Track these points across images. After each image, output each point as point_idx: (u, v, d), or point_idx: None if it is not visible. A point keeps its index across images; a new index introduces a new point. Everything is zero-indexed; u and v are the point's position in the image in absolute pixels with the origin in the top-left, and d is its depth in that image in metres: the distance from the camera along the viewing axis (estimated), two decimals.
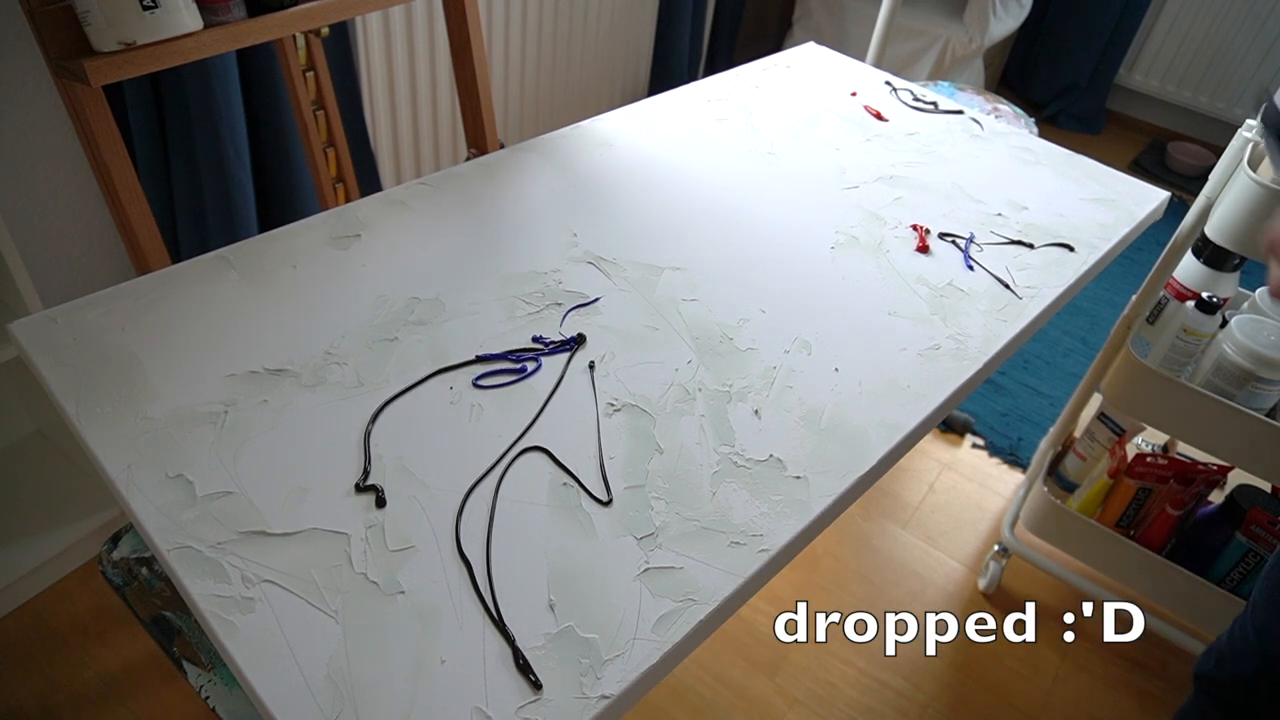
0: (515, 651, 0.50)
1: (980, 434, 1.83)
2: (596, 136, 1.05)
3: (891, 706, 1.30)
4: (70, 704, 1.18)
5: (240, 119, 1.32)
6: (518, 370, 0.70)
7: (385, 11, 1.60)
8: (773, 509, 0.61)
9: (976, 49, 2.46)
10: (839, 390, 0.72)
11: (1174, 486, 1.32)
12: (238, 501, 0.57)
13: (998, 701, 1.32)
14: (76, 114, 0.85)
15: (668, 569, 0.56)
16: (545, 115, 2.18)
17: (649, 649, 0.51)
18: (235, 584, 0.52)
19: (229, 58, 1.27)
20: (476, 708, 0.47)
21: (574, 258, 0.84)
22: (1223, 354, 1.18)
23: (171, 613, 0.70)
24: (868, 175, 1.04)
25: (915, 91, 1.26)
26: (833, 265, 0.87)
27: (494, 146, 1.24)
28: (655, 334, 0.75)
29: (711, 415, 0.68)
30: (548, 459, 0.63)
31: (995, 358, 0.79)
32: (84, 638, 1.26)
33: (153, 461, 0.59)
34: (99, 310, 0.71)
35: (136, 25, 0.81)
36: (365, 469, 0.60)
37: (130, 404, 0.63)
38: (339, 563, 0.54)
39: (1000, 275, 0.89)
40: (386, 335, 0.72)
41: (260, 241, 0.81)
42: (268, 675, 0.48)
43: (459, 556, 0.55)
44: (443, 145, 1.89)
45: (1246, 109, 2.69)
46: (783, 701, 1.30)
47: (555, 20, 2.03)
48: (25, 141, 1.20)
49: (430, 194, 0.90)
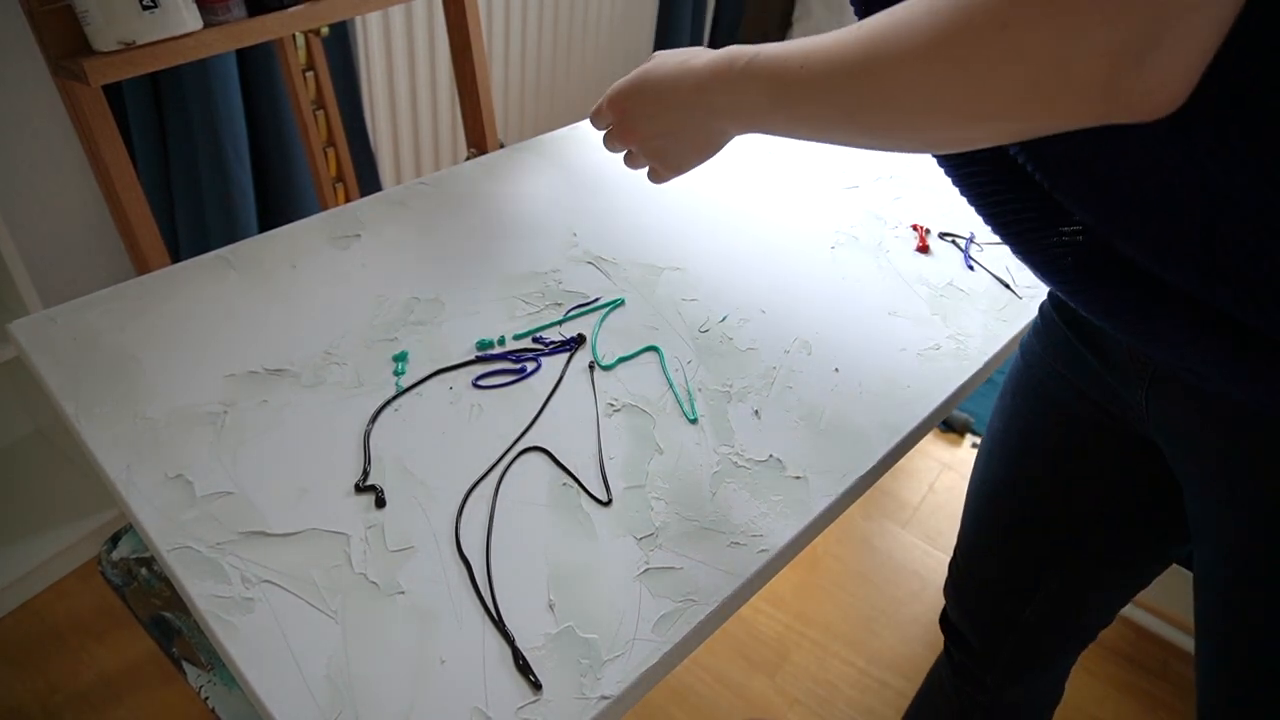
0: (515, 652, 0.50)
1: (980, 434, 1.83)
2: (597, 136, 1.04)
3: (892, 706, 1.30)
4: (70, 704, 1.18)
5: (240, 119, 1.32)
6: (517, 370, 0.70)
7: (385, 11, 1.60)
8: (773, 509, 0.61)
9: None
10: (839, 390, 0.72)
11: None
12: (237, 502, 0.57)
13: None
14: (76, 114, 0.85)
15: (668, 569, 0.56)
16: (545, 115, 2.18)
17: (649, 649, 0.51)
18: (235, 584, 0.52)
19: (229, 57, 1.27)
20: (476, 708, 0.47)
21: (574, 258, 0.84)
22: None
23: (171, 613, 0.70)
24: (868, 175, 1.04)
25: None
26: (833, 265, 0.87)
27: (494, 146, 1.24)
28: (655, 334, 0.75)
29: (711, 415, 0.68)
30: (548, 459, 0.63)
31: (995, 358, 0.79)
32: (84, 638, 1.26)
33: (152, 461, 0.59)
34: (98, 310, 0.71)
35: (136, 25, 0.81)
36: (365, 469, 0.60)
37: (129, 404, 0.63)
38: (339, 563, 0.54)
39: (1001, 275, 0.89)
40: (386, 335, 0.72)
41: (260, 241, 0.81)
42: (267, 676, 0.48)
43: (459, 557, 0.55)
44: (443, 145, 1.89)
45: None
46: (783, 701, 1.30)
47: (555, 20, 2.03)
48: (25, 141, 1.20)
49: (430, 194, 0.90)
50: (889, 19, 0.39)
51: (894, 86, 0.39)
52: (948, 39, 0.36)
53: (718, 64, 0.52)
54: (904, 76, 0.39)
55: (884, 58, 0.39)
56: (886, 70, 0.39)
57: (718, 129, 0.58)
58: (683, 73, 0.56)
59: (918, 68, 0.38)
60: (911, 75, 0.38)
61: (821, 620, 1.42)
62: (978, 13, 0.34)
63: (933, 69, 0.37)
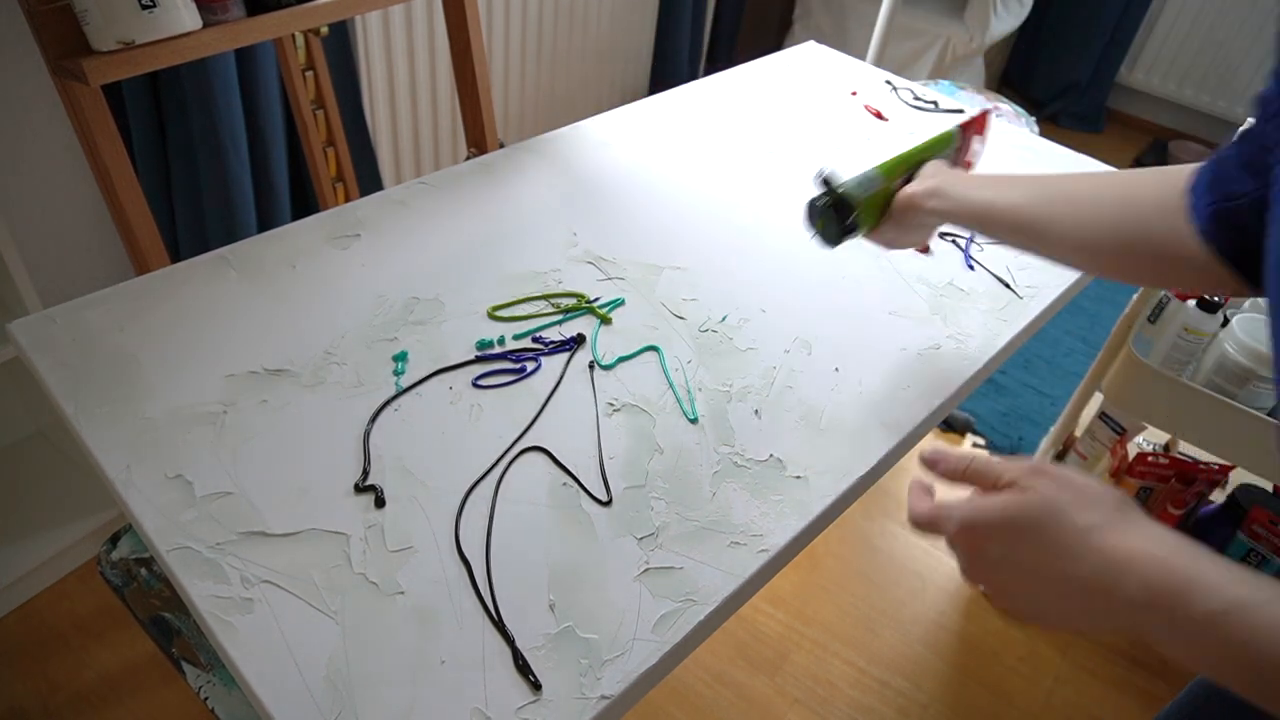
0: (515, 652, 0.50)
1: (981, 433, 1.83)
2: (596, 136, 1.04)
3: (891, 706, 1.30)
4: (70, 704, 1.18)
5: (239, 118, 1.32)
6: (517, 370, 0.70)
7: (385, 11, 1.60)
8: (773, 509, 0.61)
9: (977, 48, 2.46)
10: (839, 390, 0.72)
11: (1175, 486, 1.32)
12: (237, 502, 0.57)
13: (998, 701, 1.32)
14: (76, 114, 0.85)
15: (668, 569, 0.56)
16: (545, 115, 2.17)
17: (649, 649, 0.51)
18: (234, 585, 0.52)
19: (228, 57, 1.27)
20: (476, 708, 0.47)
21: (574, 257, 0.84)
22: (1224, 353, 1.18)
23: (170, 613, 0.70)
24: None
25: (916, 90, 1.26)
26: (833, 265, 0.87)
27: (494, 146, 1.24)
28: (655, 334, 0.75)
29: (711, 415, 0.68)
30: (548, 459, 0.63)
31: (996, 357, 0.79)
32: (84, 638, 1.26)
33: (152, 461, 0.59)
34: (98, 310, 0.71)
35: (135, 24, 0.81)
36: (365, 469, 0.60)
37: (129, 404, 0.63)
38: (338, 563, 0.54)
39: (1001, 275, 0.88)
40: (386, 335, 0.72)
41: (260, 241, 0.81)
42: (267, 676, 0.48)
43: (459, 557, 0.55)
44: (443, 145, 1.89)
45: (1247, 108, 2.68)
46: (783, 701, 1.30)
47: (555, 20, 2.03)
48: (25, 141, 1.20)
49: (430, 194, 0.90)
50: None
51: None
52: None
53: (1157, 593, 0.39)
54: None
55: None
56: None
57: (1105, 624, 0.43)
58: (1083, 550, 0.41)
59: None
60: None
61: (821, 620, 1.42)
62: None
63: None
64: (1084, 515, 0.42)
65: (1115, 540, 0.41)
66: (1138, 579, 0.39)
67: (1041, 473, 0.45)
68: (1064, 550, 0.42)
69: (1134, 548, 0.40)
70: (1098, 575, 0.41)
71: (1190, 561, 0.39)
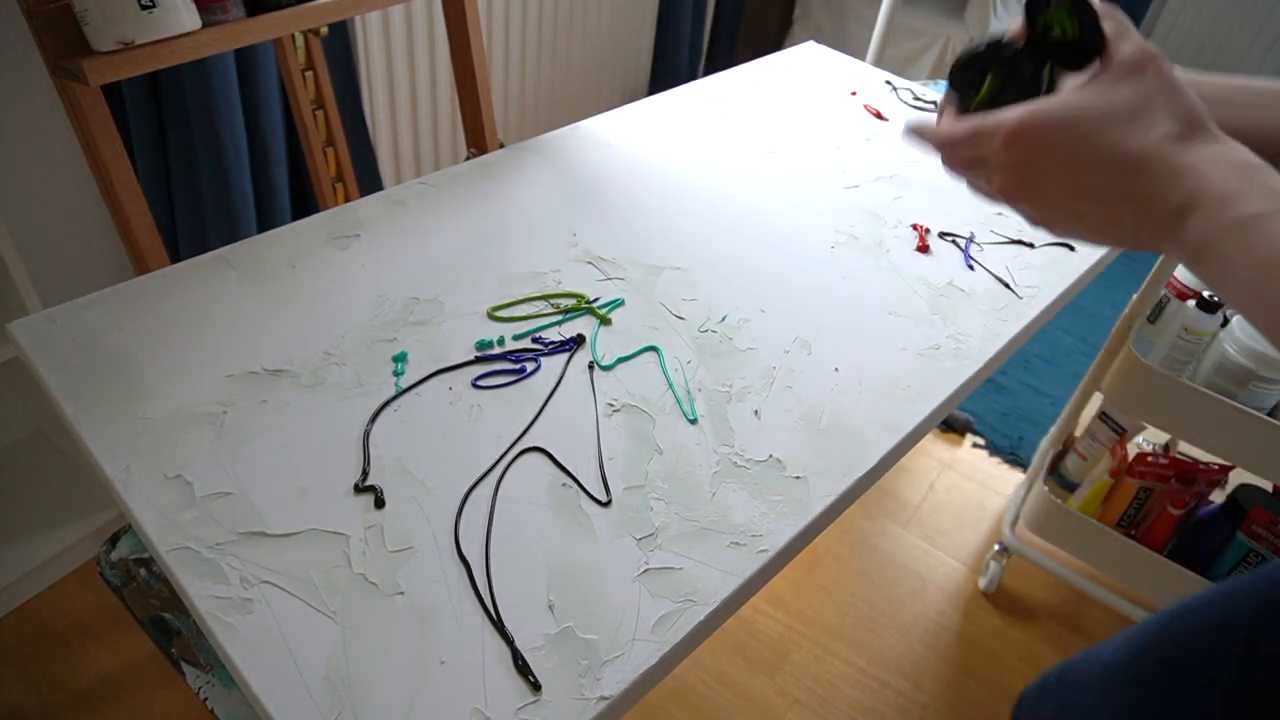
0: (514, 652, 0.50)
1: (981, 433, 1.83)
2: (596, 136, 1.04)
3: (891, 706, 1.30)
4: (70, 704, 1.18)
5: (239, 118, 1.32)
6: (517, 370, 0.70)
7: (385, 11, 1.60)
8: (773, 509, 0.61)
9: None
10: (839, 390, 0.72)
11: (1175, 486, 1.32)
12: (236, 502, 0.57)
13: (998, 701, 1.32)
14: (75, 114, 0.85)
15: (667, 569, 0.56)
16: (545, 115, 2.18)
17: (648, 650, 0.51)
18: (234, 585, 0.52)
19: (228, 57, 1.27)
20: (475, 709, 0.47)
21: (574, 257, 0.84)
22: (1224, 353, 1.18)
23: (170, 614, 0.70)
24: (868, 175, 1.04)
25: (916, 91, 1.26)
26: (833, 265, 0.87)
27: (494, 146, 1.24)
28: (655, 334, 0.75)
29: (711, 415, 0.68)
30: (547, 459, 0.63)
31: (995, 357, 0.79)
32: (84, 638, 1.26)
33: (151, 462, 0.59)
34: (98, 310, 0.71)
35: (135, 24, 0.81)
36: (364, 469, 0.60)
37: (129, 404, 0.63)
38: (338, 563, 0.54)
39: (1001, 275, 0.89)
40: (386, 335, 0.72)
41: (259, 241, 0.81)
42: (266, 676, 0.48)
43: (458, 557, 0.55)
44: (443, 145, 1.89)
45: None
46: (783, 701, 1.30)
47: (555, 20, 2.03)
48: (25, 141, 1.20)
49: (430, 194, 0.90)
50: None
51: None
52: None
53: (1197, 195, 0.39)
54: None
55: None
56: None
57: (1129, 235, 0.44)
58: (1118, 149, 0.41)
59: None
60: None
61: (821, 620, 1.42)
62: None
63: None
64: (1118, 118, 0.41)
65: (1186, 150, 0.40)
66: (1189, 187, 0.39)
67: (1151, 61, 0.42)
68: (1105, 151, 0.41)
69: (1203, 156, 0.40)
70: (1157, 183, 0.40)
71: (1250, 171, 0.39)
